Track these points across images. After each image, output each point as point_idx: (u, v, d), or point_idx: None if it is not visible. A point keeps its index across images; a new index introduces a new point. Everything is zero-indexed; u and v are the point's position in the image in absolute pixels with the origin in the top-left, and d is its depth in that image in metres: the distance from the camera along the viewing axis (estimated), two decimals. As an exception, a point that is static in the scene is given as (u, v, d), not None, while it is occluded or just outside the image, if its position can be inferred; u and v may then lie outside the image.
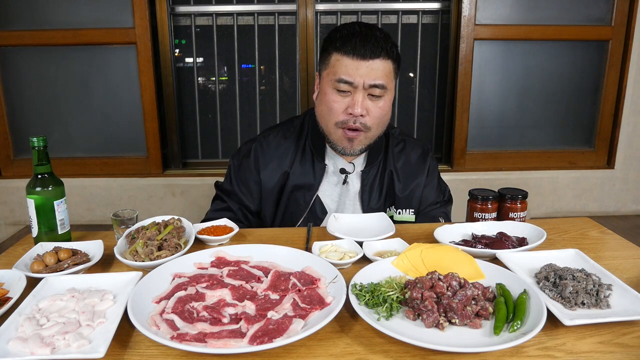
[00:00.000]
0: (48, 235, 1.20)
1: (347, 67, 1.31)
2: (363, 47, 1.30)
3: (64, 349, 0.76)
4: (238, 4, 2.56)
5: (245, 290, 0.93)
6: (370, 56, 1.30)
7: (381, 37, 1.32)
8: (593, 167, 2.74)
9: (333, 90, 1.35)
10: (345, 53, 1.31)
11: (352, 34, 1.32)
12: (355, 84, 1.31)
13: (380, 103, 1.36)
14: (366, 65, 1.30)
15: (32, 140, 1.16)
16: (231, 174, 1.54)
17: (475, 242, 1.16)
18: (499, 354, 0.75)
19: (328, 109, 1.37)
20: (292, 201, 1.48)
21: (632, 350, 0.76)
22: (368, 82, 1.31)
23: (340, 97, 1.34)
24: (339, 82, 1.32)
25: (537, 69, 2.64)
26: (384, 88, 1.33)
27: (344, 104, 1.34)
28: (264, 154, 1.50)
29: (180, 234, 1.19)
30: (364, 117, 1.35)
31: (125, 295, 0.89)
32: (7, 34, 2.46)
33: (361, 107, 1.32)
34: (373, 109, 1.35)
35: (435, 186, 1.58)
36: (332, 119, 1.37)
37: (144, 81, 2.53)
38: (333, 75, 1.34)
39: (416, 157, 1.55)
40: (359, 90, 1.32)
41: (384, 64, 1.32)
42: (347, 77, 1.31)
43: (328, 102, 1.36)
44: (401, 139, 1.57)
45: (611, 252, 1.17)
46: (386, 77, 1.33)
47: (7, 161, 2.63)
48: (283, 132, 1.54)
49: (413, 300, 0.86)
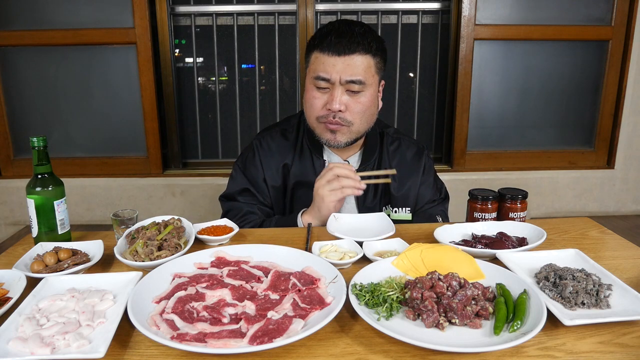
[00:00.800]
0: (48, 235, 1.20)
1: (324, 64, 1.33)
2: (339, 42, 1.31)
3: (64, 349, 0.76)
4: (238, 4, 2.56)
5: (245, 290, 0.93)
6: (346, 52, 1.31)
7: (359, 33, 1.33)
8: (593, 167, 2.74)
9: (313, 87, 1.38)
10: (321, 50, 1.34)
11: (330, 31, 1.34)
12: (332, 80, 1.33)
13: (361, 98, 1.37)
14: (342, 61, 1.31)
15: (32, 140, 1.16)
16: (239, 175, 1.54)
17: (475, 242, 1.16)
18: (499, 354, 0.75)
19: (309, 105, 1.40)
20: (296, 198, 1.49)
21: (632, 350, 0.76)
22: (344, 78, 1.32)
23: (319, 93, 1.37)
24: (317, 79, 1.35)
25: (537, 69, 2.64)
26: (362, 83, 1.34)
27: (323, 100, 1.37)
28: (265, 154, 1.52)
29: (180, 234, 1.19)
30: (343, 113, 1.36)
31: (125, 295, 0.89)
32: (7, 34, 2.46)
33: (339, 103, 1.34)
34: (352, 104, 1.36)
35: (432, 184, 1.57)
36: (313, 114, 1.40)
37: (144, 81, 2.53)
38: (313, 72, 1.36)
39: (411, 156, 1.55)
40: (336, 86, 1.34)
41: (361, 59, 1.33)
42: (323, 74, 1.33)
43: (309, 98, 1.40)
44: (396, 137, 1.58)
45: (611, 252, 1.17)
46: (364, 73, 1.34)
47: (7, 161, 2.63)
48: (282, 131, 1.55)
49: (413, 300, 0.86)
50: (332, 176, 1.33)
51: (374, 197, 1.50)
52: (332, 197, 1.32)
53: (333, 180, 1.33)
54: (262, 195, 1.52)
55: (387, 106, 2.73)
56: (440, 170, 2.68)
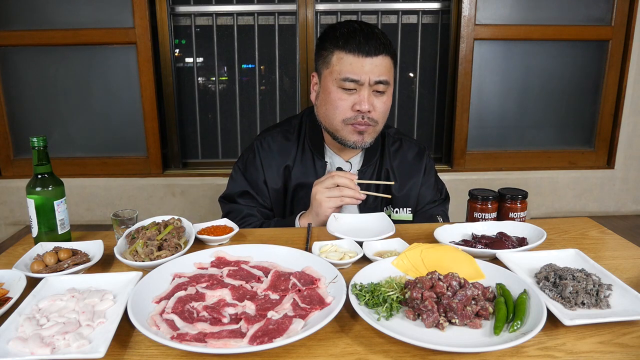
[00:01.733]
0: (48, 235, 1.20)
1: (352, 65, 1.32)
2: (367, 44, 1.31)
3: (64, 349, 0.76)
4: (238, 4, 2.56)
5: (245, 290, 0.93)
6: (375, 53, 1.32)
7: (381, 35, 1.35)
8: (593, 167, 2.74)
9: (338, 88, 1.36)
10: (349, 51, 1.32)
11: (354, 31, 1.33)
12: (362, 82, 1.33)
13: (384, 98, 1.38)
14: (370, 62, 1.32)
15: (32, 140, 1.16)
16: (240, 177, 1.53)
17: (475, 242, 1.16)
18: (499, 354, 0.75)
19: (334, 107, 1.38)
20: (297, 200, 1.49)
21: (632, 350, 0.76)
22: (374, 79, 1.33)
23: (346, 94, 1.36)
24: (344, 80, 1.33)
25: (537, 69, 2.64)
26: (388, 84, 1.36)
27: (350, 101, 1.36)
28: (266, 155, 1.51)
29: (180, 234, 1.19)
30: (370, 113, 1.36)
31: (125, 295, 0.89)
32: (7, 34, 2.46)
33: (369, 104, 1.34)
34: (378, 104, 1.37)
35: (433, 185, 1.58)
36: (339, 116, 1.38)
37: (144, 81, 2.53)
38: (338, 74, 1.34)
39: (412, 156, 1.56)
40: (364, 87, 1.34)
41: (386, 61, 1.35)
42: (353, 76, 1.32)
43: (333, 100, 1.37)
44: (397, 138, 1.58)
45: (611, 252, 1.17)
46: (389, 73, 1.36)
47: (7, 161, 2.63)
48: (283, 132, 1.54)
49: (413, 300, 0.86)
50: (331, 184, 1.32)
51: (375, 198, 1.49)
52: (330, 204, 1.32)
53: (332, 187, 1.32)
54: (262, 197, 1.51)
55: (387, 106, 2.73)
56: (440, 170, 2.67)
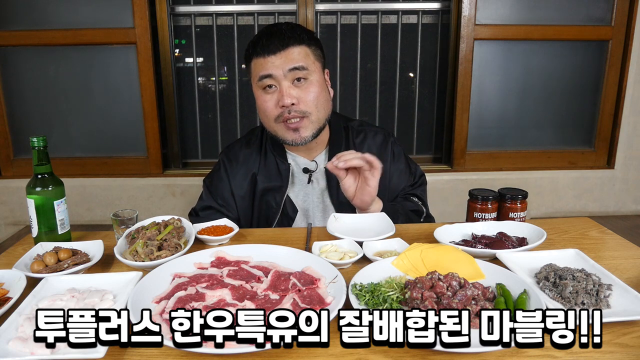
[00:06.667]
0: (48, 235, 1.20)
1: (262, 65, 1.35)
2: (270, 43, 1.34)
3: (64, 349, 0.76)
4: (238, 4, 2.56)
5: (245, 290, 0.93)
6: (279, 49, 1.34)
7: (287, 29, 1.36)
8: (593, 167, 2.74)
9: (261, 91, 1.39)
10: (258, 54, 1.36)
11: (259, 36, 1.37)
12: (275, 75, 1.34)
13: (308, 86, 1.37)
14: (279, 57, 1.34)
15: (32, 140, 1.16)
16: (205, 193, 1.57)
17: (475, 242, 1.16)
18: (499, 354, 0.75)
19: (262, 110, 1.40)
20: (264, 204, 1.50)
21: (632, 350, 0.76)
22: (286, 68, 1.34)
23: (268, 95, 1.38)
24: (261, 79, 1.36)
25: (537, 69, 2.64)
26: (305, 69, 1.35)
27: (273, 100, 1.37)
28: (231, 164, 1.53)
29: (180, 234, 1.19)
30: (295, 105, 1.36)
31: (125, 295, 0.89)
32: (7, 34, 2.46)
33: (288, 97, 1.34)
34: (302, 94, 1.36)
35: (403, 171, 1.55)
36: (269, 117, 1.40)
37: (144, 81, 2.53)
38: (255, 77, 1.38)
39: (377, 145, 1.54)
40: (281, 81, 1.35)
41: (297, 50, 1.35)
42: (265, 72, 1.34)
43: (261, 104, 1.40)
44: (361, 130, 1.56)
45: (611, 252, 1.17)
46: (304, 59, 1.36)
47: (7, 161, 2.63)
48: (246, 141, 1.57)
49: (413, 300, 0.86)
50: None
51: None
52: None
53: None
54: (228, 209, 1.52)
55: (387, 106, 2.73)
56: (441, 170, 2.69)
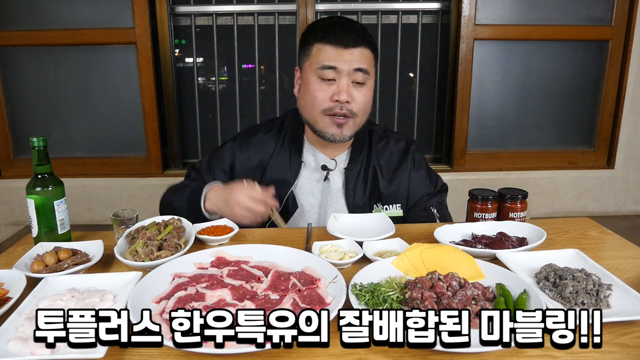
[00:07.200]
0: (48, 235, 1.20)
1: (330, 54, 1.33)
2: (345, 36, 1.32)
3: (64, 349, 0.75)
4: (238, 4, 2.56)
5: (245, 290, 0.93)
6: (353, 45, 1.33)
7: (361, 28, 1.36)
8: (593, 167, 2.74)
9: (317, 79, 1.36)
10: (328, 42, 1.33)
11: (333, 24, 1.35)
12: (340, 69, 1.33)
13: (364, 90, 1.38)
14: (349, 53, 1.33)
15: (32, 140, 1.16)
16: (205, 160, 1.54)
17: (475, 242, 1.16)
18: (499, 354, 0.75)
19: (312, 98, 1.37)
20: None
21: (632, 350, 0.76)
22: (353, 67, 1.33)
23: (325, 85, 1.36)
24: (322, 69, 1.34)
25: (537, 69, 2.64)
26: (367, 73, 1.36)
27: (329, 91, 1.35)
28: (241, 147, 1.51)
29: (180, 234, 1.19)
30: (349, 104, 1.35)
31: (125, 295, 0.89)
32: (7, 34, 2.46)
33: (347, 94, 1.33)
34: (357, 95, 1.36)
35: (424, 178, 1.55)
36: (318, 107, 1.37)
37: (144, 81, 2.53)
38: (317, 64, 1.35)
39: (399, 152, 1.54)
40: (343, 76, 1.33)
41: (365, 52, 1.35)
42: (330, 63, 1.33)
43: (312, 91, 1.37)
44: (384, 135, 1.57)
45: (611, 252, 1.17)
46: (369, 64, 1.36)
47: (7, 161, 2.63)
48: (264, 128, 1.55)
49: (413, 300, 0.86)
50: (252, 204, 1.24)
51: (363, 195, 1.48)
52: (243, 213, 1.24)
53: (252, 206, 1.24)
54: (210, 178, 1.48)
55: (387, 106, 2.73)
56: (440, 170, 2.67)
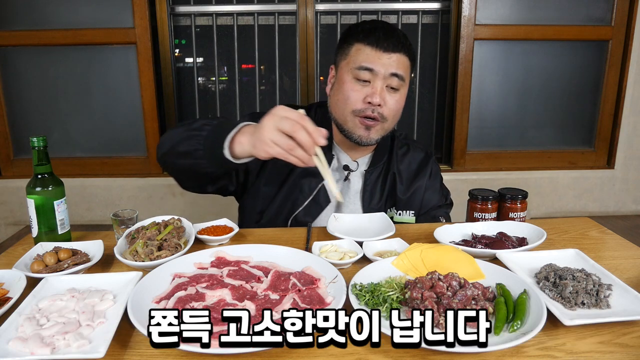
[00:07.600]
0: (48, 235, 1.20)
1: (368, 56, 1.33)
2: (386, 40, 1.33)
3: (64, 349, 0.76)
4: (238, 4, 2.56)
5: (245, 290, 0.93)
6: (392, 49, 1.33)
7: (402, 35, 1.37)
8: (593, 167, 2.74)
9: (352, 78, 1.35)
10: (368, 43, 1.33)
11: (375, 27, 1.35)
12: (376, 72, 1.33)
13: (397, 96, 1.38)
14: (387, 57, 1.33)
15: (32, 140, 1.16)
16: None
17: (475, 242, 1.16)
18: (499, 354, 0.75)
19: (345, 97, 1.36)
20: (296, 186, 1.45)
21: (632, 350, 0.76)
22: (389, 71, 1.33)
23: (359, 85, 1.35)
24: (359, 69, 1.33)
25: (537, 69, 2.64)
26: (403, 80, 1.36)
27: (362, 93, 1.35)
28: None
29: (180, 234, 1.19)
30: (381, 107, 1.35)
31: (125, 295, 0.89)
32: (7, 34, 2.46)
33: (380, 97, 1.33)
34: (390, 100, 1.36)
35: (437, 189, 1.58)
36: (349, 107, 1.36)
37: (144, 81, 2.53)
38: (354, 63, 1.35)
39: (419, 161, 1.56)
40: (378, 79, 1.33)
41: (403, 59, 1.36)
42: (368, 64, 1.32)
43: (346, 90, 1.36)
44: (405, 142, 1.59)
45: (611, 252, 1.17)
46: (405, 70, 1.37)
47: (7, 161, 2.63)
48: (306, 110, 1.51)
49: (413, 300, 0.86)
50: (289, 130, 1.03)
51: (380, 199, 1.49)
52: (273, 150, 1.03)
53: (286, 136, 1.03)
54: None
55: (387, 106, 2.73)
56: (441, 170, 2.68)
